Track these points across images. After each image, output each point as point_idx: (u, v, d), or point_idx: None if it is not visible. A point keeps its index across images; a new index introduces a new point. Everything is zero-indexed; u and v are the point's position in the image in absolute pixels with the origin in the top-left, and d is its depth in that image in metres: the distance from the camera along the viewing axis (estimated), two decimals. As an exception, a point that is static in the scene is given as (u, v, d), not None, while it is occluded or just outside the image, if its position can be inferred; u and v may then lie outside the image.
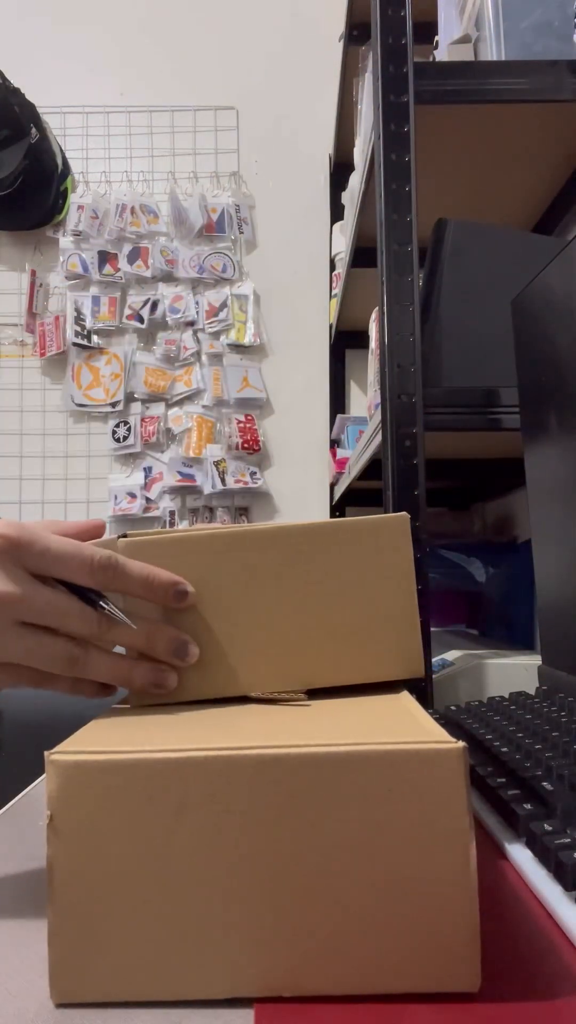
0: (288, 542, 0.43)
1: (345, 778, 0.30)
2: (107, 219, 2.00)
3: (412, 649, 0.44)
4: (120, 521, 1.99)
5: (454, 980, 0.30)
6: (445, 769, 0.30)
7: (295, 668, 0.43)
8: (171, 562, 0.42)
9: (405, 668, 0.44)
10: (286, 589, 0.43)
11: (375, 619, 0.44)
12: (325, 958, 0.30)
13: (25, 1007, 0.30)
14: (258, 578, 0.43)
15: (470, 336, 0.87)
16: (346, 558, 0.44)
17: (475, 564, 1.32)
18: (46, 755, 0.31)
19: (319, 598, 0.43)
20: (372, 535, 0.44)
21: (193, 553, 0.43)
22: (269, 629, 0.43)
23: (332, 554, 0.44)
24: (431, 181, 1.05)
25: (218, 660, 0.43)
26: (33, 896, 0.41)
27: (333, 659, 0.43)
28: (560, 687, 0.68)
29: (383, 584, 0.44)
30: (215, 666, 0.43)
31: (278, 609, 0.43)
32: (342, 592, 0.43)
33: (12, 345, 2.04)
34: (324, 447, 2.00)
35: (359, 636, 0.44)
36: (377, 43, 0.82)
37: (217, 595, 0.43)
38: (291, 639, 0.43)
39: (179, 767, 0.30)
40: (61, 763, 0.30)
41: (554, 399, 0.68)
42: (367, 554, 0.44)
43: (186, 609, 0.42)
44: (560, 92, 0.82)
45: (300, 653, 0.43)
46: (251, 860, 0.30)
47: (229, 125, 2.06)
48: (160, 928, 0.30)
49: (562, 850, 0.38)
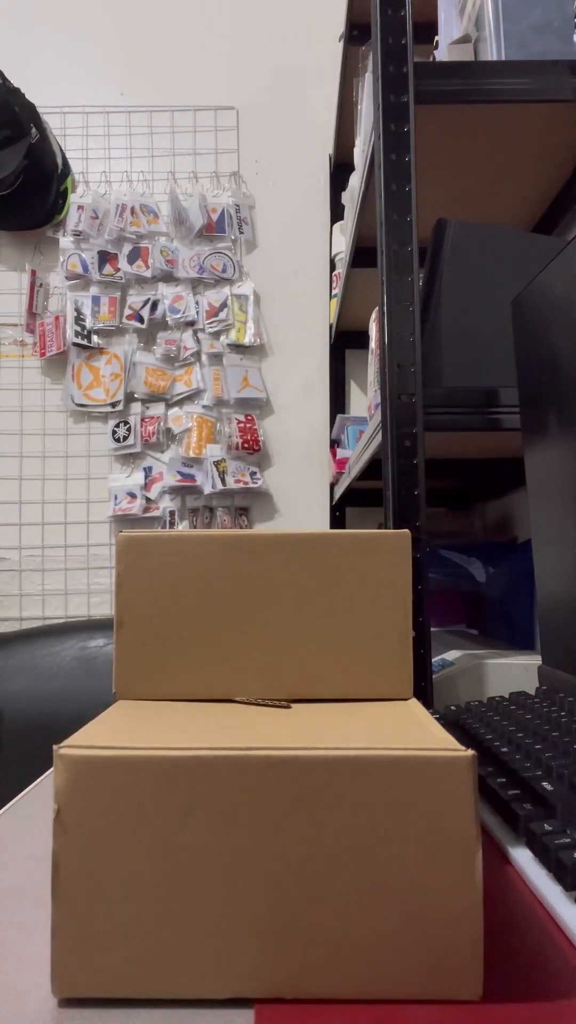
0: (285, 550, 0.43)
1: (353, 783, 0.30)
2: (107, 219, 2.00)
3: (402, 670, 0.43)
4: (120, 521, 1.99)
5: (456, 988, 0.30)
6: (454, 777, 0.30)
7: (282, 677, 0.43)
8: (169, 561, 0.42)
9: (392, 688, 0.44)
10: (280, 597, 0.43)
11: (367, 636, 0.43)
12: (327, 961, 0.30)
13: (25, 1006, 0.30)
14: (253, 583, 0.43)
15: (470, 336, 0.87)
16: (343, 571, 0.43)
17: (475, 564, 1.32)
18: (55, 749, 0.31)
19: (312, 609, 0.43)
20: (371, 550, 0.44)
21: (191, 553, 0.43)
22: (258, 635, 0.43)
23: (329, 566, 0.43)
24: (431, 181, 1.05)
25: (205, 661, 0.43)
26: (34, 895, 0.41)
27: (321, 672, 0.43)
28: (560, 687, 0.68)
29: (378, 601, 0.43)
30: (201, 667, 0.43)
31: (269, 616, 0.43)
32: (336, 605, 0.43)
33: (12, 345, 2.03)
34: (324, 447, 2.00)
35: (349, 651, 0.43)
36: (377, 43, 0.82)
37: (211, 596, 0.43)
38: (280, 647, 0.43)
39: (188, 766, 0.30)
40: (70, 757, 0.30)
41: (554, 399, 0.68)
42: (364, 569, 0.43)
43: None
44: (560, 92, 0.82)
45: (288, 662, 0.43)
46: (256, 861, 0.30)
47: (229, 125, 2.06)
48: (163, 926, 0.30)
49: (562, 850, 0.38)
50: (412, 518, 0.78)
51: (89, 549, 1.99)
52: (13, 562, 1.99)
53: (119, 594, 0.43)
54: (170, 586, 0.43)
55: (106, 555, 1.99)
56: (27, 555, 1.99)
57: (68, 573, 1.99)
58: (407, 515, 0.78)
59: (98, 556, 1.99)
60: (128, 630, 0.43)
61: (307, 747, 0.31)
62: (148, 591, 0.43)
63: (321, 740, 0.32)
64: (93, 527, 2.00)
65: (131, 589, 0.43)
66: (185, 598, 0.43)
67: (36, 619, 1.97)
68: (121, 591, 0.43)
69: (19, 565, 1.99)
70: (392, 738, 0.33)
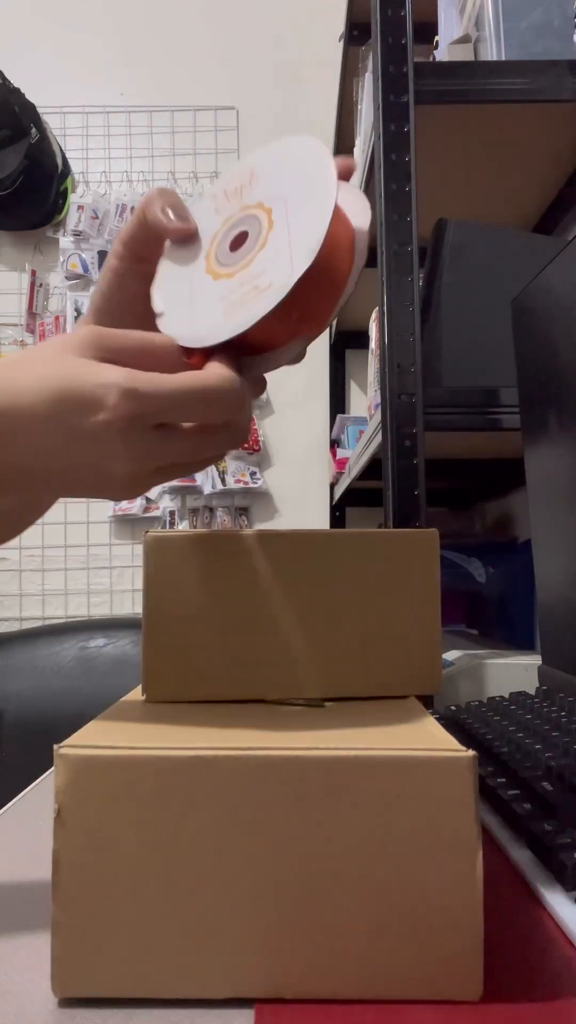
0: (314, 549, 0.43)
1: (354, 783, 0.30)
2: (107, 219, 2.00)
3: (432, 666, 0.44)
4: (120, 521, 1.99)
5: (456, 989, 0.30)
6: (454, 778, 0.30)
7: (313, 676, 0.43)
8: (197, 561, 0.42)
9: (423, 684, 0.44)
10: (309, 596, 0.43)
11: (397, 633, 0.43)
12: (327, 961, 0.30)
13: (25, 1006, 0.30)
14: (281, 582, 0.43)
15: (470, 336, 0.87)
16: (372, 569, 0.43)
17: (475, 564, 1.32)
18: (55, 748, 0.31)
19: (341, 607, 0.43)
20: (400, 549, 0.44)
21: (219, 552, 0.42)
22: (288, 634, 0.43)
23: (358, 564, 0.43)
24: (431, 181, 1.05)
25: (235, 661, 0.42)
26: (34, 895, 0.41)
27: (351, 670, 0.43)
28: (560, 687, 0.68)
29: (407, 598, 0.43)
30: (231, 667, 0.42)
31: (299, 615, 0.43)
32: (365, 603, 0.43)
33: (12, 345, 2.03)
34: (324, 447, 2.00)
35: (379, 649, 0.43)
36: (377, 43, 0.82)
37: (239, 595, 0.42)
38: (311, 647, 0.43)
39: (188, 765, 0.30)
40: (71, 757, 0.30)
41: (554, 399, 0.68)
42: (393, 567, 0.43)
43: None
44: (560, 92, 0.82)
45: (319, 661, 0.43)
46: (256, 861, 0.30)
47: (229, 125, 2.06)
48: (163, 925, 0.30)
49: (562, 850, 0.38)
50: (412, 518, 0.78)
51: (89, 549, 1.99)
52: (13, 562, 1.99)
53: (148, 596, 0.42)
54: (198, 586, 0.42)
55: (106, 555, 1.99)
56: (27, 555, 1.99)
57: (68, 573, 1.99)
58: (407, 515, 0.78)
59: (98, 556, 1.99)
60: (157, 632, 0.42)
61: (307, 747, 0.31)
62: (177, 592, 0.42)
63: (321, 740, 0.32)
64: (93, 527, 2.00)
65: (159, 590, 0.42)
66: (214, 598, 0.42)
67: (36, 619, 1.97)
68: (150, 593, 0.42)
69: (19, 565, 1.99)
70: (392, 738, 0.33)
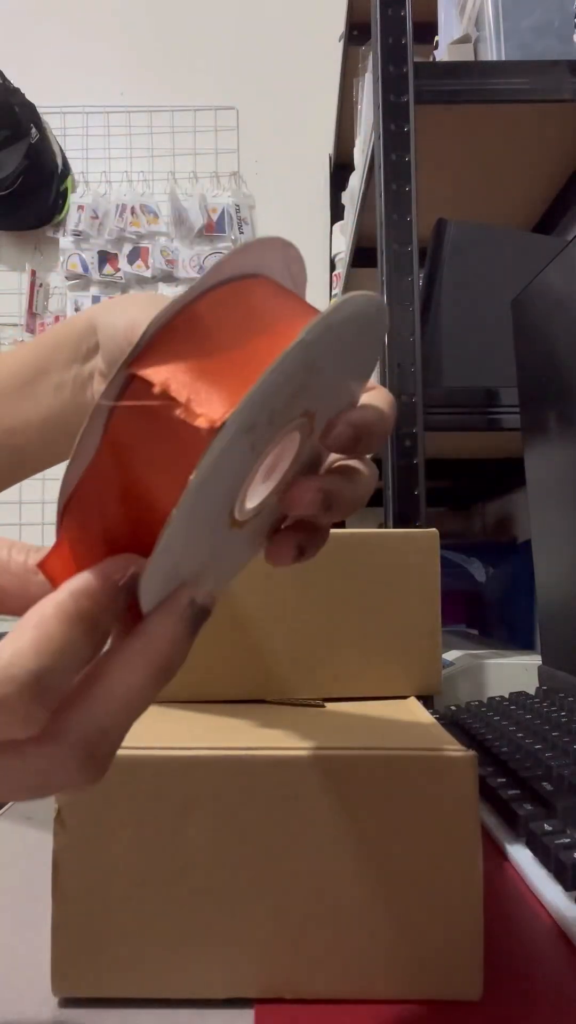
0: None
1: (353, 782, 0.30)
2: (107, 219, 2.00)
3: (432, 666, 0.44)
4: (120, 521, 1.99)
5: (456, 989, 0.30)
6: (455, 777, 0.30)
7: (313, 676, 0.43)
8: None
9: (423, 684, 0.44)
10: (309, 596, 0.43)
11: (397, 633, 0.43)
12: (327, 961, 0.30)
13: (25, 1006, 0.30)
14: (283, 582, 0.43)
15: (470, 336, 0.87)
16: (373, 569, 0.43)
17: (475, 564, 1.32)
18: None
19: (341, 607, 0.43)
20: (401, 549, 0.44)
21: None
22: (290, 634, 0.43)
23: (359, 564, 0.43)
24: (431, 181, 1.05)
25: (237, 661, 0.42)
26: (34, 895, 0.41)
27: (352, 670, 0.43)
28: (560, 687, 0.68)
29: (407, 599, 0.43)
30: (233, 667, 0.42)
31: (299, 615, 0.43)
32: (364, 603, 0.43)
33: (12, 345, 2.03)
34: (324, 447, 2.00)
35: (379, 649, 0.43)
36: (377, 43, 0.82)
37: (241, 596, 0.42)
38: (311, 646, 0.43)
39: (187, 766, 0.30)
40: None
41: (554, 399, 0.68)
42: (394, 567, 0.43)
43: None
44: (560, 92, 0.82)
45: (319, 661, 0.43)
46: (256, 861, 0.30)
47: (229, 125, 2.06)
48: (163, 925, 0.30)
49: (562, 850, 0.38)
50: (412, 518, 0.78)
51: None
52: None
53: None
54: None
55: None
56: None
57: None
58: (407, 515, 0.78)
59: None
60: None
61: (306, 747, 0.31)
62: None
63: (320, 739, 0.32)
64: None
65: None
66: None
67: (36, 619, 1.97)
68: None
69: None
70: (392, 737, 0.33)
